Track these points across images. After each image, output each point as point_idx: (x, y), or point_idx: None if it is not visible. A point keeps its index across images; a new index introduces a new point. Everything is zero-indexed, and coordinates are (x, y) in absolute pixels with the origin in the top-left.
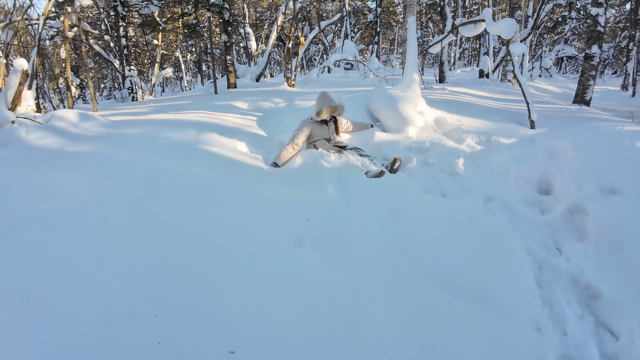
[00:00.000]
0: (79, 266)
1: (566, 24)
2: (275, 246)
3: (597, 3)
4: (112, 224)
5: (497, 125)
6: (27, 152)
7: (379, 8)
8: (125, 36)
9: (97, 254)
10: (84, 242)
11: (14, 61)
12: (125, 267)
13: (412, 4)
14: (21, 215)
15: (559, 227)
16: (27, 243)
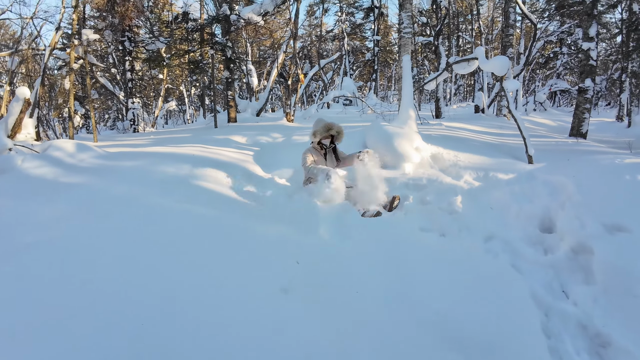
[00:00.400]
0: (55, 307)
1: (558, 59)
2: (258, 293)
3: (589, 38)
4: (94, 263)
5: (494, 161)
6: (21, 181)
7: (376, 47)
8: (130, 70)
9: (75, 296)
10: (65, 280)
11: (16, 89)
12: (101, 313)
13: (406, 44)
14: (8, 245)
15: (564, 268)
16: (10, 276)
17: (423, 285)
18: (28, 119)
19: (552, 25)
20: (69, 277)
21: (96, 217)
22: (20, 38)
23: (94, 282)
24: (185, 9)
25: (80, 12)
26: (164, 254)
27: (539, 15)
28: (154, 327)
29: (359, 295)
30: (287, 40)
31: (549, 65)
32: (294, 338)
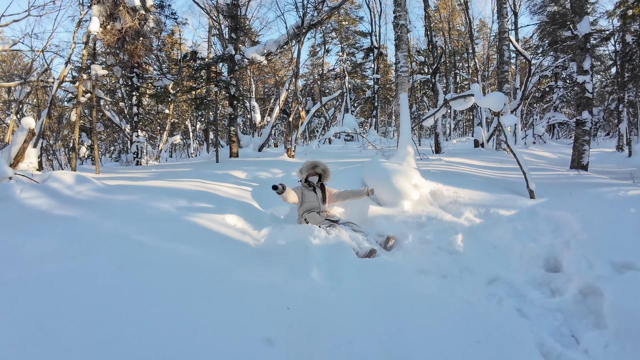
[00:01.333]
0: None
1: (554, 93)
2: (242, 345)
3: (583, 71)
4: (67, 308)
5: (495, 197)
6: (15, 211)
7: (376, 85)
8: (137, 104)
9: (49, 338)
10: (39, 323)
11: (22, 119)
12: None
13: (403, 82)
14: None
15: (573, 311)
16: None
17: (421, 337)
18: (31, 148)
19: (547, 61)
20: (37, 323)
21: (81, 254)
22: (30, 69)
23: (65, 330)
24: (194, 47)
25: (90, 48)
26: (141, 298)
27: (533, 51)
28: None
29: (351, 345)
30: (289, 79)
31: (546, 99)
32: None
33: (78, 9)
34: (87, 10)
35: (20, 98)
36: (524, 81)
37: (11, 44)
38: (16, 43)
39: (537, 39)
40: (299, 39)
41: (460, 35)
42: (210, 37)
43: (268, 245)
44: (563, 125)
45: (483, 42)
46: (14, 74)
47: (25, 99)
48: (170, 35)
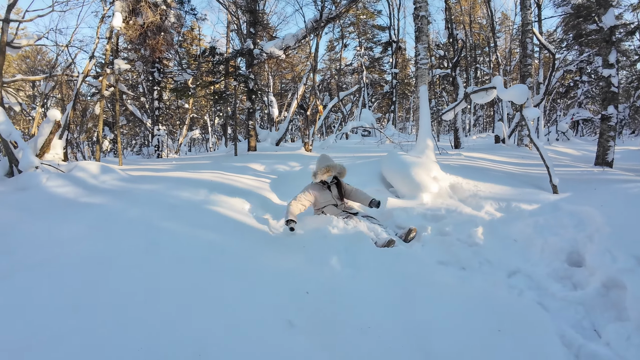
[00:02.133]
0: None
1: (578, 88)
2: (264, 326)
3: (609, 65)
4: (94, 287)
5: (516, 191)
6: (42, 199)
7: (395, 80)
8: (158, 99)
9: (74, 316)
10: (60, 302)
11: (48, 111)
12: (97, 336)
13: (423, 75)
14: (18, 262)
15: (595, 304)
16: (16, 292)
17: (440, 325)
18: (57, 140)
19: (571, 55)
20: (65, 299)
21: (106, 238)
22: (55, 64)
23: (91, 306)
24: (212, 43)
25: (113, 44)
26: (166, 279)
27: (557, 45)
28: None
29: (370, 331)
30: (307, 73)
31: (570, 95)
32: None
33: (101, 4)
34: (110, 5)
35: (45, 92)
36: (547, 75)
37: (36, 39)
38: (40, 38)
39: (561, 32)
40: (317, 33)
41: (482, 29)
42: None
43: (286, 234)
44: (587, 122)
45: (505, 36)
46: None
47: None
48: (189, 31)
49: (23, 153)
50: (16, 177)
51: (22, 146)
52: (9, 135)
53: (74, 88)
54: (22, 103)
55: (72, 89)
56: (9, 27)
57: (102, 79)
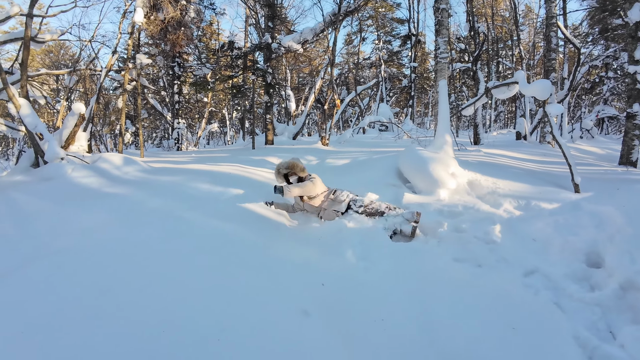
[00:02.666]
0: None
1: (604, 84)
2: (280, 314)
3: (634, 61)
4: (116, 272)
5: (537, 189)
6: (67, 188)
7: (413, 74)
8: (178, 93)
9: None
10: (84, 286)
11: (73, 105)
12: (117, 322)
13: (443, 69)
14: (42, 247)
15: (612, 306)
16: (40, 276)
17: (454, 321)
18: (81, 132)
19: (597, 50)
20: (88, 284)
21: (128, 227)
22: (79, 59)
23: (113, 290)
24: (231, 37)
25: (135, 39)
26: (186, 267)
27: (582, 39)
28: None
29: (384, 323)
30: (324, 67)
31: (595, 91)
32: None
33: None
34: (132, 1)
35: (70, 85)
36: (572, 71)
37: (59, 34)
38: (64, 33)
39: (586, 26)
40: (335, 27)
41: (504, 21)
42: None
43: (303, 226)
44: (613, 119)
45: (528, 29)
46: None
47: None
48: (209, 26)
49: (49, 145)
50: (42, 167)
51: (48, 138)
52: (34, 127)
53: (97, 82)
54: (46, 96)
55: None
56: (33, 22)
57: (124, 74)
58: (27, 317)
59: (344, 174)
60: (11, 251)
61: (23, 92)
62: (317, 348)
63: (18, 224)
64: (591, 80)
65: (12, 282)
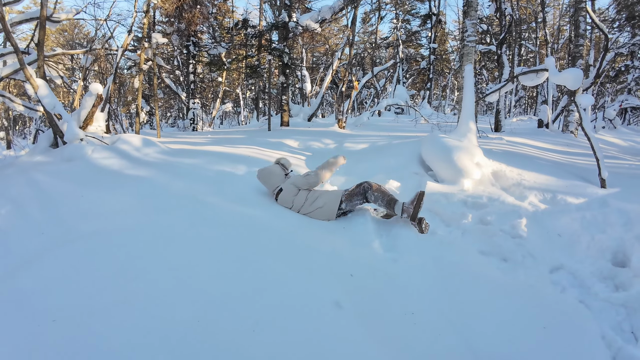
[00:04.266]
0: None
1: (629, 74)
2: (314, 303)
3: None
4: (146, 258)
5: (562, 182)
6: (89, 170)
7: (432, 55)
8: (193, 72)
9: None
10: (116, 271)
11: (90, 85)
12: (148, 311)
13: (469, 53)
14: (70, 232)
15: (637, 307)
16: (67, 262)
17: (486, 316)
18: (99, 112)
19: (623, 37)
20: (119, 269)
21: (155, 211)
22: (94, 38)
23: (142, 277)
24: (245, 16)
25: (150, 17)
26: (212, 253)
27: (609, 25)
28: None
29: (413, 317)
30: (342, 47)
31: (620, 80)
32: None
33: None
34: None
35: (86, 65)
36: (598, 58)
37: (75, 13)
38: (79, 12)
39: (613, 12)
40: (355, 5)
41: (529, 2)
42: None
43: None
44: (636, 110)
45: (553, 11)
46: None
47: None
48: (223, 3)
49: (67, 125)
50: (61, 148)
51: (66, 118)
52: (53, 107)
53: (114, 62)
54: (63, 76)
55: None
56: (47, 1)
57: (140, 53)
58: (60, 303)
59: (364, 160)
60: (39, 235)
61: (40, 73)
62: (350, 340)
63: (43, 207)
64: (616, 67)
65: (44, 266)
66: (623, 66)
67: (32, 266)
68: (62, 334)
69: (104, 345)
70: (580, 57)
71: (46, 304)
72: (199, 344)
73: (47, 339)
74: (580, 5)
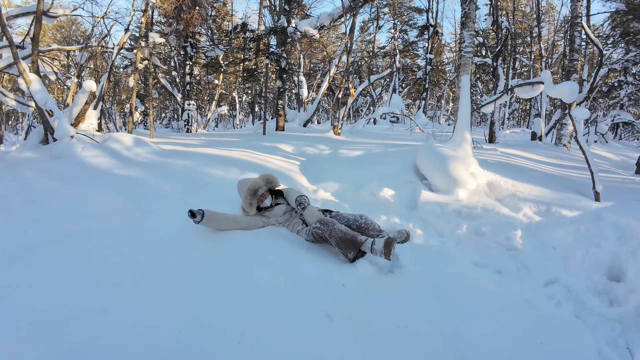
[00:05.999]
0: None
1: (622, 89)
2: (303, 318)
3: None
4: (128, 262)
5: (557, 195)
6: (77, 168)
7: (429, 66)
8: (190, 74)
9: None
10: (96, 276)
11: (84, 82)
12: (126, 316)
13: (466, 64)
14: (53, 231)
15: (632, 323)
16: (49, 262)
17: (482, 331)
18: (92, 110)
19: (617, 53)
20: (99, 274)
21: (140, 213)
22: (90, 35)
23: (124, 283)
24: (244, 19)
25: (148, 17)
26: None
27: (603, 41)
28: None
29: (406, 330)
30: (339, 54)
31: (612, 95)
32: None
33: None
34: None
35: (81, 62)
36: (591, 73)
37: (72, 9)
38: (77, 8)
39: (608, 28)
40: (354, 12)
41: (525, 17)
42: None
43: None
44: (628, 125)
45: (548, 27)
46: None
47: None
48: (222, 6)
49: (59, 122)
50: (51, 145)
51: (58, 115)
52: (44, 103)
53: (109, 60)
54: (57, 72)
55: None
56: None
57: (136, 52)
58: (34, 309)
59: (359, 168)
60: (21, 234)
61: (34, 68)
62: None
63: (28, 205)
64: (609, 83)
65: (21, 269)
66: (616, 82)
67: (13, 266)
68: (41, 337)
69: (84, 349)
70: (575, 72)
71: (22, 310)
72: (182, 351)
73: (25, 342)
74: (576, 20)
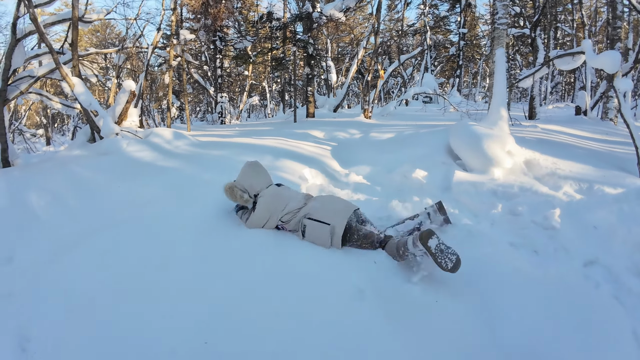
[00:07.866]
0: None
1: None
2: (335, 294)
3: None
4: (171, 245)
5: (599, 172)
6: (124, 162)
7: (462, 41)
8: (220, 67)
9: (162, 267)
10: (154, 252)
11: (123, 82)
12: (181, 288)
13: (500, 36)
14: (108, 220)
15: None
16: (103, 247)
17: (511, 309)
18: (133, 108)
19: None
20: (147, 256)
21: (183, 201)
22: (125, 37)
23: (169, 266)
24: (269, 8)
25: (178, 15)
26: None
27: None
28: (222, 320)
29: (437, 306)
30: (367, 36)
31: None
32: (374, 348)
33: None
34: None
35: (119, 64)
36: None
37: (105, 13)
38: (110, 12)
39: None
40: None
41: None
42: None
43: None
44: None
45: None
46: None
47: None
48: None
49: (104, 121)
50: (98, 142)
51: (102, 114)
52: (89, 104)
53: (145, 59)
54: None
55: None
56: (78, 2)
57: (169, 50)
58: (93, 289)
59: (390, 150)
60: (76, 223)
61: (75, 71)
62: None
63: (81, 198)
64: None
65: (81, 252)
66: None
67: (70, 252)
68: (99, 318)
69: (135, 329)
70: (619, 40)
71: (82, 289)
72: (224, 334)
73: (78, 326)
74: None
